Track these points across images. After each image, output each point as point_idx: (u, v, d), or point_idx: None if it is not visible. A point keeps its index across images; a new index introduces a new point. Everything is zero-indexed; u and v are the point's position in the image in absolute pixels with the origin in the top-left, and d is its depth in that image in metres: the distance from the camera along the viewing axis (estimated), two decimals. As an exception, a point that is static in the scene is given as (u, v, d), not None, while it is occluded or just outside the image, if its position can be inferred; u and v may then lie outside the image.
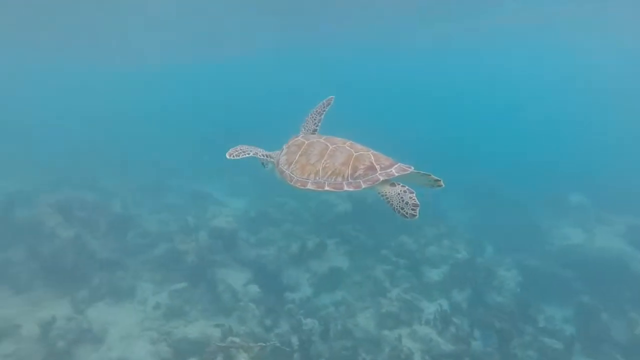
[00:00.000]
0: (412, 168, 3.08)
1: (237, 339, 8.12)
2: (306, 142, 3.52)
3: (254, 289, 10.68)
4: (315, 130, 3.93)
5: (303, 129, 4.02)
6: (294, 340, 8.95)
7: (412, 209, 2.80)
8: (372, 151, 3.26)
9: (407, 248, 12.43)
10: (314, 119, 3.99)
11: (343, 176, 3.05)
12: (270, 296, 10.83)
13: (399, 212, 2.87)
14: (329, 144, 3.36)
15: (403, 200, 2.85)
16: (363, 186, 2.99)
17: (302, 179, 3.19)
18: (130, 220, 12.57)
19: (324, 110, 4.03)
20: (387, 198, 2.98)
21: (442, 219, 15.48)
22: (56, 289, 10.38)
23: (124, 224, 12.25)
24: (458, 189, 17.25)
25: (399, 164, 3.10)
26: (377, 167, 3.02)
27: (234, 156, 3.71)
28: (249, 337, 9.22)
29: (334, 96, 4.11)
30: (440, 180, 3.10)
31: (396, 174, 2.97)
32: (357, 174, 3.01)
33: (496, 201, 16.04)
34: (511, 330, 9.66)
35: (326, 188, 3.08)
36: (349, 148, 3.24)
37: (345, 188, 3.01)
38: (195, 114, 32.53)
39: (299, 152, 3.41)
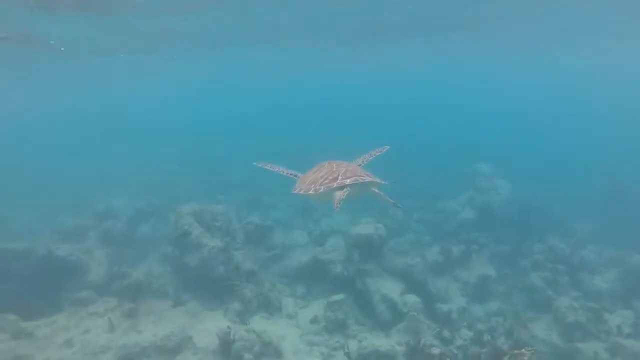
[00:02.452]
0: (366, 180, 3.82)
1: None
2: (321, 164, 4.43)
3: (413, 299, 9.86)
4: (360, 164, 4.73)
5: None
6: (486, 353, 8.07)
7: (337, 204, 3.55)
8: (350, 167, 4.02)
9: (561, 253, 11.36)
10: (363, 158, 4.91)
11: (315, 184, 3.92)
12: (427, 307, 10.02)
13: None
14: (326, 165, 4.24)
15: (338, 199, 3.61)
16: (320, 190, 3.80)
17: (296, 187, 4.27)
18: (264, 231, 12.09)
19: (373, 155, 4.98)
20: (333, 199, 3.69)
21: (566, 224, 14.29)
22: (207, 301, 9.93)
23: (257, 235, 11.79)
24: (576, 192, 16.11)
25: (357, 177, 3.79)
26: (339, 178, 3.78)
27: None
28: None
29: (388, 147, 5.11)
30: (397, 204, 4.12)
31: (347, 183, 3.70)
32: (323, 182, 3.85)
33: (628, 204, 14.72)
34: None
35: (300, 192, 4.05)
36: (335, 167, 4.06)
37: (310, 192, 3.89)
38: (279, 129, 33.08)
39: (311, 170, 4.45)
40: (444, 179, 17.92)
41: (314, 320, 9.56)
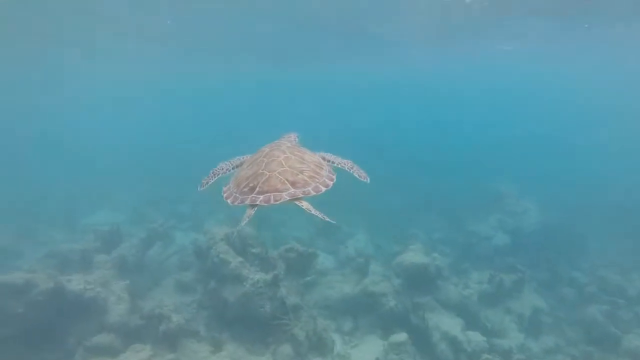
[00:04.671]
0: (283, 198, 3.08)
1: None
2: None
3: (477, 337, 9.03)
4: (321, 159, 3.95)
5: None
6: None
7: (242, 223, 3.07)
8: (283, 166, 3.33)
9: (614, 284, 10.98)
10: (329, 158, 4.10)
11: (238, 187, 3.27)
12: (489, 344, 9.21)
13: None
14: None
15: (245, 218, 3.07)
16: (237, 202, 3.17)
17: (228, 185, 3.51)
18: (308, 259, 10.69)
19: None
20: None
21: (595, 247, 14.02)
22: (249, 343, 8.51)
23: (299, 264, 10.41)
24: (592, 210, 15.85)
25: (275, 193, 3.12)
26: (257, 188, 3.17)
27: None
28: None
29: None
30: (328, 218, 3.23)
31: (258, 202, 3.09)
32: (242, 190, 3.23)
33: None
34: None
35: (224, 196, 3.35)
36: (264, 164, 3.38)
37: (229, 200, 3.24)
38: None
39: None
40: (461, 194, 17.35)
41: (374, 364, 8.45)
